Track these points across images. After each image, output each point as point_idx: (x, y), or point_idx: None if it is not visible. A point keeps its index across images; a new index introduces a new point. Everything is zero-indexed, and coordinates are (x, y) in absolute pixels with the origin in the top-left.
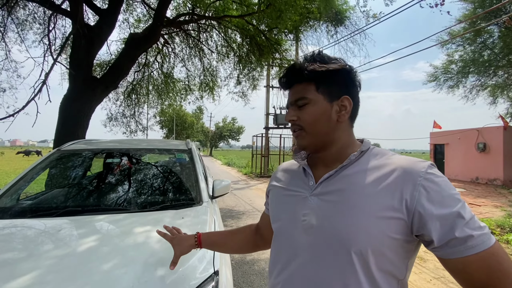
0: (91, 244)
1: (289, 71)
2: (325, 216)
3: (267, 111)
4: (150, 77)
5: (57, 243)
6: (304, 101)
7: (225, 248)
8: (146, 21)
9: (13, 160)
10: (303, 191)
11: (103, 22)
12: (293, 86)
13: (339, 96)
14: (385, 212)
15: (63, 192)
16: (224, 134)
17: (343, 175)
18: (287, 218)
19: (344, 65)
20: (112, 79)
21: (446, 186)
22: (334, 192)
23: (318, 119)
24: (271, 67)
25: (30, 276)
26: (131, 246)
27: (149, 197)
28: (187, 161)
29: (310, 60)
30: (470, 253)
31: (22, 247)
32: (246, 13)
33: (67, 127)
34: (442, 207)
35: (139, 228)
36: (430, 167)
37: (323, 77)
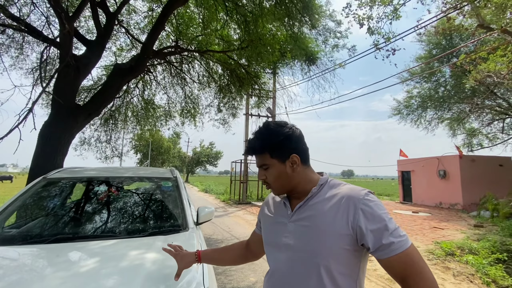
0: (88, 268)
1: (248, 148)
2: (299, 237)
3: (246, 137)
4: (130, 103)
5: (53, 268)
6: (266, 166)
7: (221, 262)
8: (129, 50)
9: None
10: (284, 219)
11: (91, 53)
12: (255, 155)
13: (288, 156)
14: (340, 231)
15: (51, 219)
16: (202, 160)
17: (309, 205)
18: (273, 240)
19: (285, 133)
20: (95, 107)
21: (377, 208)
22: (304, 218)
23: (278, 177)
24: (251, 96)
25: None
26: (127, 269)
27: (138, 224)
28: (172, 189)
29: (259, 137)
30: (392, 254)
31: (17, 274)
32: (227, 49)
33: (46, 153)
34: (374, 223)
35: (132, 252)
36: (367, 194)
37: (272, 147)
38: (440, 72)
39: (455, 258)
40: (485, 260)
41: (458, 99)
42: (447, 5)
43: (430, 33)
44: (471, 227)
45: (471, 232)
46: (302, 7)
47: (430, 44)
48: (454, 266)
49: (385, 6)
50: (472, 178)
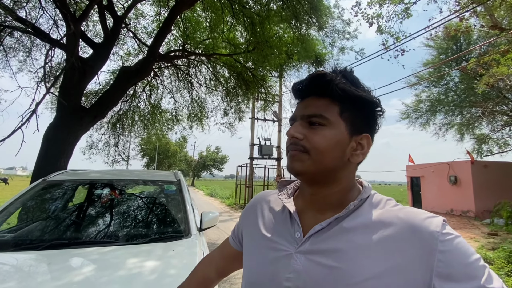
0: (82, 276)
1: (313, 78)
2: (315, 286)
3: (252, 141)
4: (137, 107)
5: (45, 277)
6: (322, 121)
7: None
8: (136, 54)
9: None
10: (287, 244)
11: (97, 55)
12: (309, 98)
13: (361, 132)
14: (403, 283)
15: (47, 224)
16: (208, 164)
17: (339, 230)
18: (263, 278)
19: (376, 99)
20: (101, 110)
21: (466, 252)
22: (327, 252)
23: (332, 149)
24: (257, 100)
25: None
26: (124, 278)
27: (138, 229)
28: (175, 193)
29: (342, 76)
30: None
31: (7, 283)
32: (234, 53)
33: (50, 155)
34: (465, 280)
35: (131, 260)
36: (444, 226)
37: (352, 103)
38: (449, 76)
39: None
40: (501, 270)
41: (468, 103)
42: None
43: (438, 38)
44: (485, 235)
45: (485, 240)
46: (310, 8)
47: (439, 49)
48: None
49: (396, 5)
50: (484, 184)
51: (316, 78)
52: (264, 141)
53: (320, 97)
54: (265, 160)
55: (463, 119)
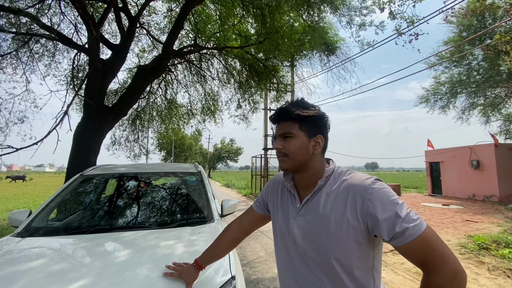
0: (124, 256)
1: (280, 111)
2: (308, 232)
3: (265, 132)
4: (154, 103)
5: (94, 256)
6: (290, 135)
7: (220, 255)
8: (150, 51)
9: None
10: (293, 211)
11: (116, 56)
12: (280, 123)
13: (315, 135)
14: (349, 223)
15: (90, 212)
16: (223, 156)
17: (317, 198)
18: (283, 232)
19: (320, 112)
20: (122, 108)
21: (385, 195)
22: (312, 212)
23: (299, 150)
24: (269, 91)
25: (80, 284)
26: (159, 258)
27: (167, 216)
28: (197, 183)
29: (295, 106)
30: (408, 240)
31: (66, 260)
32: (245, 45)
33: (80, 153)
34: (385, 212)
35: (163, 242)
36: (373, 182)
37: (305, 120)
38: (471, 55)
39: (491, 252)
40: None
41: (492, 83)
42: None
43: (459, 14)
44: (508, 220)
45: (509, 225)
46: None
47: (460, 26)
48: (489, 260)
49: None
50: (509, 168)
51: (281, 110)
52: None
53: (286, 120)
54: None
55: (486, 101)
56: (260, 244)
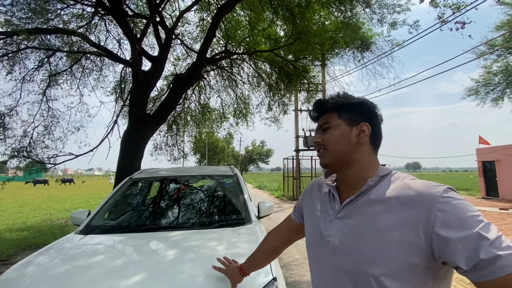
0: (173, 254)
1: (317, 104)
2: (346, 239)
3: (297, 133)
4: (189, 108)
5: (149, 252)
6: (328, 125)
7: (262, 264)
8: (184, 59)
9: (58, 188)
10: (330, 214)
11: (155, 67)
12: (320, 117)
13: (358, 122)
14: (403, 238)
15: (139, 213)
16: (254, 158)
17: (363, 200)
18: (315, 237)
19: (363, 99)
20: (162, 115)
21: (463, 208)
22: (355, 216)
23: (339, 139)
24: (299, 91)
25: (138, 278)
26: (205, 256)
27: (208, 217)
28: (233, 185)
29: (334, 97)
30: (503, 273)
31: (124, 256)
32: (274, 48)
33: (127, 157)
34: (461, 229)
35: (207, 242)
36: (446, 191)
37: (344, 107)
38: None
39: None
40: None
41: None
42: None
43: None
44: None
45: None
46: None
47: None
48: None
49: None
50: None
51: (317, 104)
52: (309, 132)
53: (325, 112)
54: (312, 152)
55: None
56: (296, 247)
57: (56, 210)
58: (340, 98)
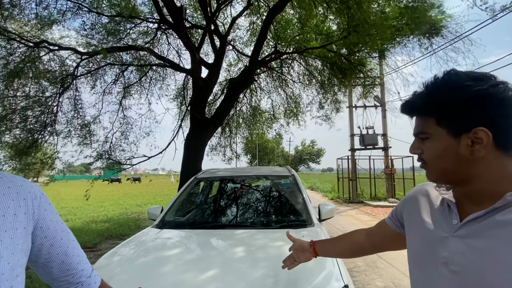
0: (241, 252)
1: (405, 107)
2: (470, 266)
3: (352, 132)
4: (240, 111)
5: (218, 248)
6: (425, 135)
7: (337, 254)
8: (236, 63)
9: (131, 185)
10: (444, 229)
11: (211, 74)
12: (415, 117)
13: (470, 128)
14: None
15: (205, 210)
16: (304, 158)
17: (496, 221)
18: (423, 253)
19: (479, 91)
20: (219, 118)
21: None
22: (482, 238)
23: (441, 156)
24: (354, 87)
25: (212, 272)
26: (272, 257)
27: (270, 217)
28: (291, 186)
29: (428, 91)
30: None
31: (197, 250)
32: (327, 43)
33: (190, 159)
34: None
35: (271, 242)
36: None
37: (444, 109)
38: None
39: None
40: None
41: None
42: None
43: None
44: None
45: None
46: None
47: None
48: None
49: None
50: None
51: (406, 105)
52: (366, 130)
53: (419, 115)
54: (370, 151)
55: None
56: None
57: (130, 205)
58: (439, 91)
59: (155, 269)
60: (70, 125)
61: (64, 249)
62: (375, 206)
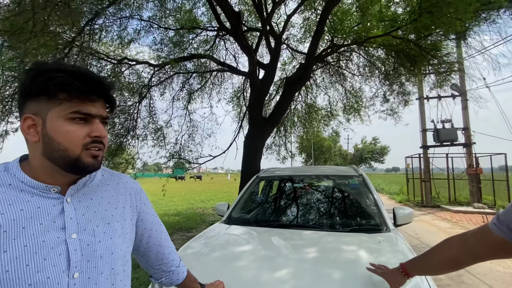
0: (314, 254)
1: None
2: None
3: (423, 126)
4: (295, 109)
5: (291, 248)
6: None
7: (431, 271)
8: (290, 62)
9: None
10: None
11: (268, 74)
12: None
13: None
14: None
15: (271, 209)
16: (365, 157)
17: None
18: None
19: None
20: (276, 118)
21: None
22: None
23: None
24: (425, 75)
25: (287, 271)
26: (350, 261)
27: (338, 219)
28: (359, 186)
29: None
30: None
31: (268, 248)
32: (392, 29)
33: (249, 158)
34: None
35: (346, 246)
36: None
37: None
38: None
39: None
40: None
41: None
42: None
43: None
44: None
45: None
46: None
47: None
48: None
49: None
50: None
51: None
52: (441, 123)
53: None
54: (447, 148)
55: None
56: None
57: (195, 200)
58: None
59: (230, 264)
60: (147, 129)
61: (159, 240)
62: (455, 211)
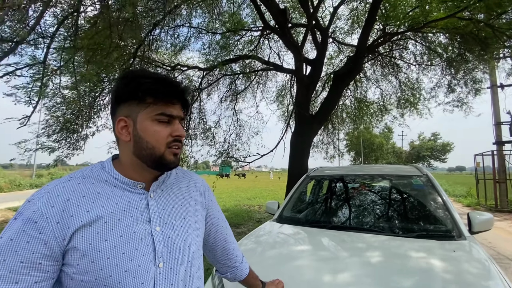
0: (376, 259)
1: None
2: None
3: (497, 119)
4: (344, 105)
5: (351, 251)
6: None
7: None
8: (337, 56)
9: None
10: None
11: (315, 70)
12: None
13: None
14: None
15: (324, 209)
16: (423, 155)
17: None
18: None
19: None
20: (324, 115)
21: None
22: None
23: None
24: (499, 60)
25: (350, 274)
26: (419, 269)
27: (402, 222)
28: (424, 187)
29: None
30: None
31: (325, 249)
32: (458, 10)
33: (296, 156)
34: None
35: (415, 253)
36: None
37: None
38: None
39: None
40: None
41: None
42: None
43: None
44: None
45: None
46: None
47: None
48: None
49: None
50: None
51: None
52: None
53: None
54: None
55: None
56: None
57: (241, 198)
58: None
59: (287, 264)
60: (197, 129)
61: (224, 236)
62: None
